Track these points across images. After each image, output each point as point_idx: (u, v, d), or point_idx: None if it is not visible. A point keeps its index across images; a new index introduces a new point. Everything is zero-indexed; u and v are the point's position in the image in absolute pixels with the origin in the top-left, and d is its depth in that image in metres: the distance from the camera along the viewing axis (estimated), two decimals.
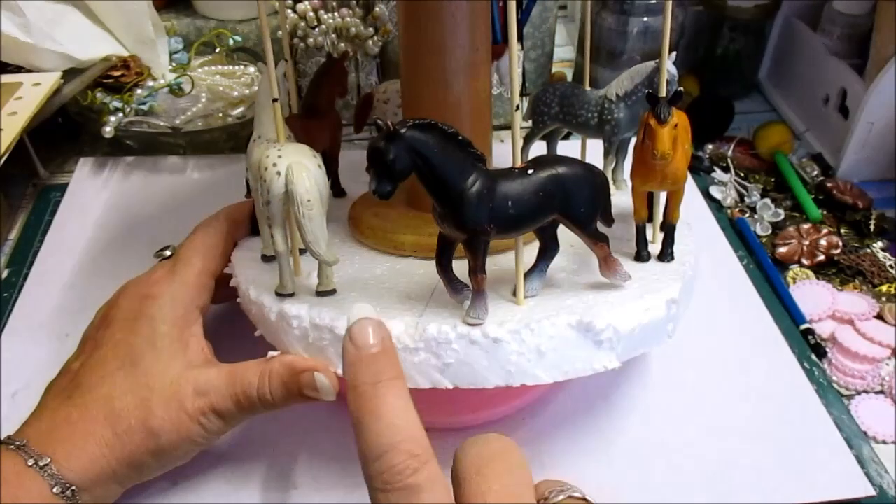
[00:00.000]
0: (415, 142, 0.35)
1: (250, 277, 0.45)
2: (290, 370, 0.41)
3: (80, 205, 0.68)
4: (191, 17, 0.83)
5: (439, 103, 0.45)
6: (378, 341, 0.35)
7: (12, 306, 0.58)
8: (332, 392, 0.41)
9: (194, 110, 0.73)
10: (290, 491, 0.46)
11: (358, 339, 0.35)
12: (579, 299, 0.41)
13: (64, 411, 0.40)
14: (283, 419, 0.48)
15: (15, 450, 0.38)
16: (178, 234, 0.50)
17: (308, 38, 0.62)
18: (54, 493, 0.37)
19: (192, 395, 0.41)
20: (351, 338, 0.35)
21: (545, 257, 0.42)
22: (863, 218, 0.69)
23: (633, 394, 0.52)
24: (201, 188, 0.70)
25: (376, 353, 0.34)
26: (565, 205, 0.39)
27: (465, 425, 0.49)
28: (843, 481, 0.47)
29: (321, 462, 0.47)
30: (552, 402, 0.51)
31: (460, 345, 0.38)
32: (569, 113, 0.51)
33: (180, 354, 0.43)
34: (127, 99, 0.72)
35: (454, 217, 0.37)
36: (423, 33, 0.44)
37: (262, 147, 0.42)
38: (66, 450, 0.39)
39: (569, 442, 0.49)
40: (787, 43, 0.86)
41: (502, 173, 0.38)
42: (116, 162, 0.73)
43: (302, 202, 0.40)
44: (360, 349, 0.34)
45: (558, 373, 0.40)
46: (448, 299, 0.40)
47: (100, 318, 0.46)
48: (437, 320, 0.39)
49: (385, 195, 0.35)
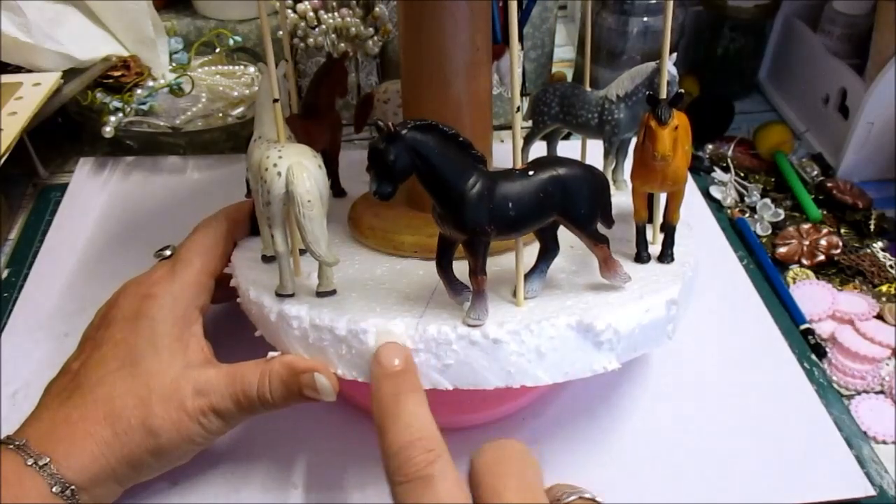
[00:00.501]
0: (415, 143, 0.35)
1: (250, 278, 0.45)
2: (289, 370, 0.41)
3: (80, 205, 0.68)
4: (191, 17, 0.83)
5: (439, 103, 0.45)
6: (401, 361, 0.38)
7: (12, 306, 0.58)
8: (332, 392, 0.41)
9: (194, 110, 0.73)
10: (290, 491, 0.46)
11: (383, 360, 0.38)
12: (579, 300, 0.41)
13: (63, 411, 0.40)
14: (283, 419, 0.48)
15: (14, 449, 0.38)
16: (178, 234, 0.50)
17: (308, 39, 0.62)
18: (54, 493, 0.37)
19: (191, 395, 0.41)
20: (377, 359, 0.38)
21: (546, 258, 0.42)
22: (863, 218, 0.69)
23: (633, 394, 0.52)
24: (201, 188, 0.70)
25: (398, 370, 0.38)
26: (565, 206, 0.39)
27: (465, 425, 0.49)
28: (843, 481, 0.47)
29: (321, 462, 0.47)
30: (553, 403, 0.51)
31: (460, 345, 0.38)
32: (569, 113, 0.51)
33: (180, 354, 0.43)
34: (127, 99, 0.72)
35: (454, 218, 0.37)
36: (423, 33, 0.44)
37: (263, 147, 0.42)
38: (66, 449, 0.39)
39: (569, 442, 0.49)
40: (786, 43, 0.86)
41: (502, 174, 0.38)
42: (116, 162, 0.73)
43: (302, 203, 0.40)
44: (385, 368, 0.38)
45: (558, 374, 0.40)
46: (448, 300, 0.40)
47: (99, 318, 0.46)
48: (438, 321, 0.39)
49: (385, 196, 0.35)
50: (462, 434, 0.48)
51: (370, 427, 0.49)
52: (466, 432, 0.48)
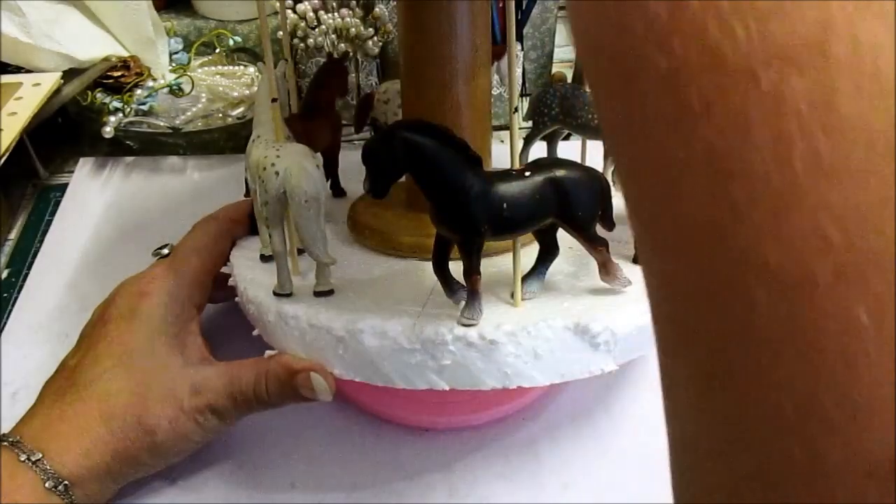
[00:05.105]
0: (409, 142, 0.35)
1: (249, 277, 0.45)
2: (286, 370, 0.41)
3: (80, 205, 0.68)
4: (191, 18, 0.83)
5: (439, 104, 0.45)
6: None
7: (12, 306, 0.58)
8: (329, 392, 0.41)
9: (194, 110, 0.73)
10: (290, 491, 0.46)
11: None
12: (577, 302, 0.41)
13: (59, 408, 0.40)
14: (282, 419, 0.48)
15: (8, 446, 0.38)
16: (178, 234, 0.50)
17: (308, 39, 0.62)
18: (47, 488, 0.37)
19: (188, 393, 0.41)
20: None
21: (545, 260, 0.42)
22: None
23: (632, 395, 0.52)
24: (201, 188, 0.70)
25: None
26: (563, 208, 0.39)
27: (464, 426, 0.49)
28: None
29: (321, 462, 0.47)
30: (551, 404, 0.51)
31: (457, 346, 0.38)
32: (569, 114, 0.51)
33: (177, 352, 0.43)
34: (127, 99, 0.72)
35: (449, 218, 0.37)
36: (423, 34, 0.44)
37: (261, 147, 0.42)
38: (60, 445, 0.39)
39: (568, 443, 0.49)
40: None
41: (499, 175, 0.38)
42: (116, 162, 0.73)
43: (299, 202, 0.40)
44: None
45: (555, 375, 0.40)
46: (446, 301, 0.40)
47: (97, 316, 0.46)
48: (434, 321, 0.39)
49: (379, 195, 0.36)
50: (461, 434, 0.48)
51: (370, 427, 0.49)
52: (465, 433, 0.48)
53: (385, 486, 0.45)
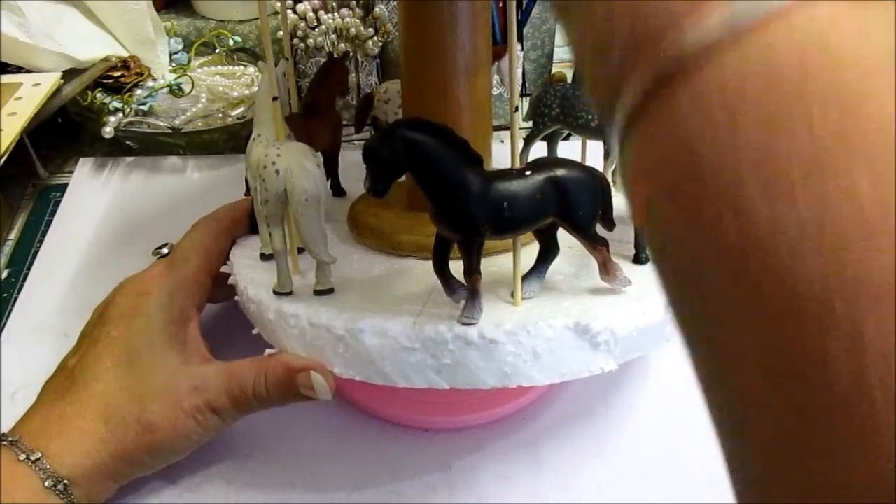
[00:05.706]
0: (409, 141, 0.35)
1: (249, 276, 0.45)
2: (286, 369, 0.41)
3: (80, 205, 0.68)
4: (191, 18, 0.83)
5: (440, 104, 0.45)
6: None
7: (12, 306, 0.58)
8: (328, 392, 0.41)
9: (194, 110, 0.73)
10: (290, 491, 0.46)
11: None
12: (577, 301, 0.41)
13: (59, 407, 0.40)
14: (282, 419, 0.48)
15: (8, 445, 0.38)
16: (178, 234, 0.50)
17: (308, 39, 0.63)
18: (46, 487, 0.37)
19: (188, 392, 0.41)
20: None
21: (545, 260, 0.42)
22: None
23: (632, 395, 0.52)
24: (201, 188, 0.70)
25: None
26: (563, 208, 0.39)
27: (464, 425, 0.49)
28: None
29: (321, 462, 0.47)
30: (552, 404, 0.51)
31: (456, 345, 0.38)
32: (569, 115, 0.51)
33: (176, 351, 0.43)
34: (127, 99, 0.72)
35: (449, 217, 0.37)
36: (423, 34, 0.44)
37: (262, 146, 0.42)
38: (59, 445, 0.39)
39: (568, 443, 0.49)
40: None
41: (499, 174, 0.38)
42: (116, 162, 0.73)
43: (300, 201, 0.40)
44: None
45: (555, 374, 0.39)
46: (446, 300, 0.40)
47: (97, 316, 0.46)
48: (434, 321, 0.39)
49: (379, 193, 0.36)
50: (461, 435, 0.48)
51: (370, 426, 0.49)
52: (465, 433, 0.48)
53: (385, 486, 0.45)
